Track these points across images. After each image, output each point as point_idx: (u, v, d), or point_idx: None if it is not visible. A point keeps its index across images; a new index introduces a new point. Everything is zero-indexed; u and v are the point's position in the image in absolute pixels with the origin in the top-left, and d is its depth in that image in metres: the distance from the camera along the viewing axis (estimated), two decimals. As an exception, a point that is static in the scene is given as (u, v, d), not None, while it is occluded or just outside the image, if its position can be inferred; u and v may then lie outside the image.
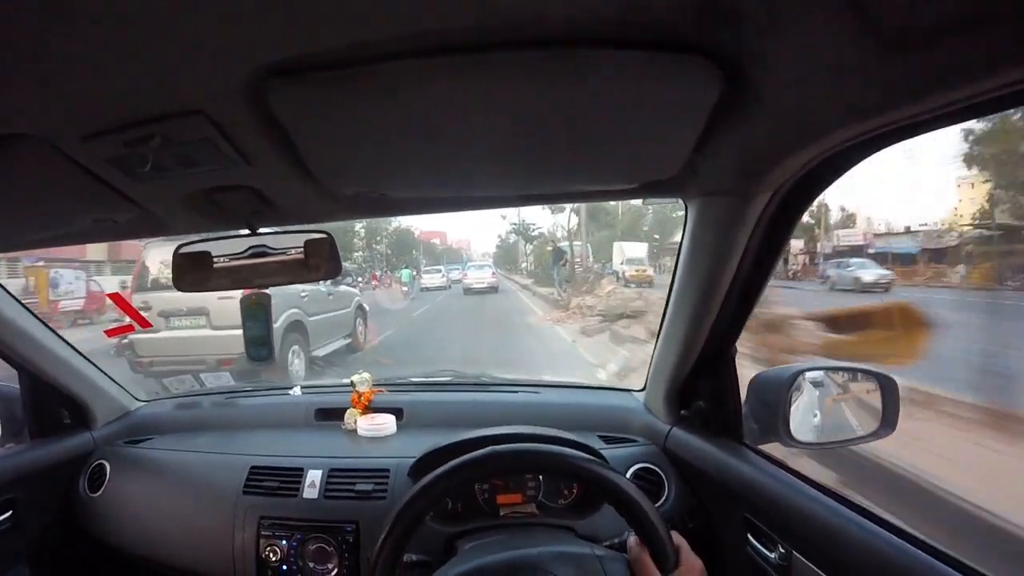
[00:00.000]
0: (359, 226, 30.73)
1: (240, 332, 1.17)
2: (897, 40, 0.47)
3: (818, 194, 0.86)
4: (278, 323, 5.81)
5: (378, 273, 23.52)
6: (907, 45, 0.47)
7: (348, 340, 7.97)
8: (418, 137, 0.71)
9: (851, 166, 0.78)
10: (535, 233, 30.67)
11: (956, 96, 0.53)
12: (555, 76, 0.57)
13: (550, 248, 20.77)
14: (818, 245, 21.70)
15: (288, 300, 6.32)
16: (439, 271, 26.53)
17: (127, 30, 0.47)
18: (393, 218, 24.68)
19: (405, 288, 18.99)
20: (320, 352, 6.92)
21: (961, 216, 18.80)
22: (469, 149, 0.76)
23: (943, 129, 0.61)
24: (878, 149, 0.69)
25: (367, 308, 8.97)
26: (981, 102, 0.53)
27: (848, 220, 24.64)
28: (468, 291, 20.56)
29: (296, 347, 6.33)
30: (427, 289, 22.65)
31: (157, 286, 5.71)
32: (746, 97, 0.60)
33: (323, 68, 0.55)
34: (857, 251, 19.92)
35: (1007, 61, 0.46)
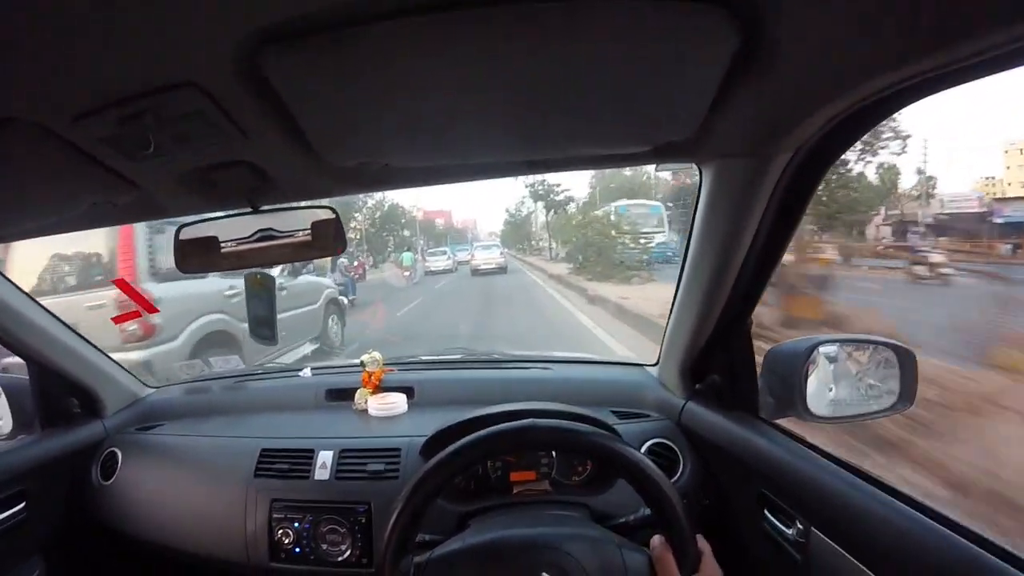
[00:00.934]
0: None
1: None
2: None
3: (842, 153, 0.83)
4: (179, 340, 4.33)
5: (363, 259, 20.32)
6: None
7: (316, 345, 6.48)
8: (419, 101, 0.68)
9: (879, 121, 0.74)
10: (561, 198, 26.58)
11: (992, 42, 0.50)
12: (562, 30, 0.55)
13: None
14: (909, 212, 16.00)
15: (206, 302, 4.65)
16: (444, 253, 25.62)
17: (110, 1, 0.46)
18: (377, 193, 23.31)
19: (407, 273, 17.70)
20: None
21: None
22: (473, 112, 0.73)
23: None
24: (910, 102, 0.66)
25: (344, 302, 7.97)
26: (1016, 49, 0.50)
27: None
28: (476, 272, 20.11)
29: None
30: (432, 272, 21.69)
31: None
32: (765, 49, 0.57)
33: (318, 31, 0.53)
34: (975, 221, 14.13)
35: None
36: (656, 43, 0.57)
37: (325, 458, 1.32)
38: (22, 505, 1.34)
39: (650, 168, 16.48)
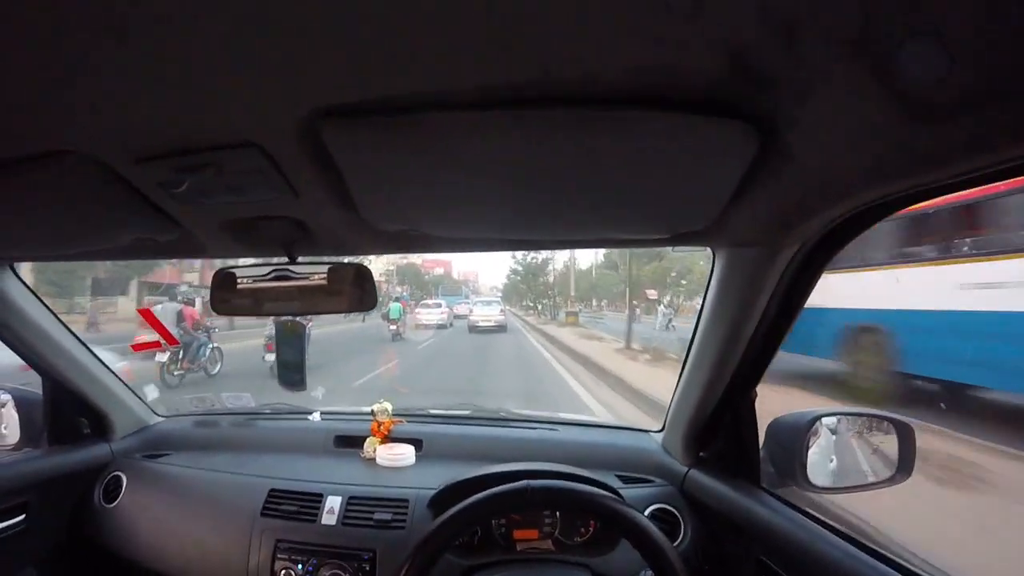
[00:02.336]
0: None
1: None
2: (923, 111, 0.51)
3: (842, 247, 0.89)
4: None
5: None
6: (932, 116, 0.51)
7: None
8: (463, 183, 0.73)
9: (876, 222, 0.82)
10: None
11: (978, 164, 0.56)
12: (597, 133, 0.60)
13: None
14: None
15: None
16: (439, 305, 23.22)
17: (188, 61, 0.50)
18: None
19: (393, 327, 15.65)
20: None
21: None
22: (510, 196, 0.79)
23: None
24: (902, 208, 0.73)
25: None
26: (1003, 169, 0.57)
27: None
28: (474, 328, 19.11)
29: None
30: (423, 326, 19.53)
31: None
32: (779, 156, 0.63)
33: (377, 113, 0.58)
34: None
35: (1021, 136, 0.50)
36: (682, 149, 0.63)
37: (333, 503, 1.33)
38: (22, 517, 1.35)
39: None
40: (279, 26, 0.45)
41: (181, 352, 7.94)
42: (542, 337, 17.70)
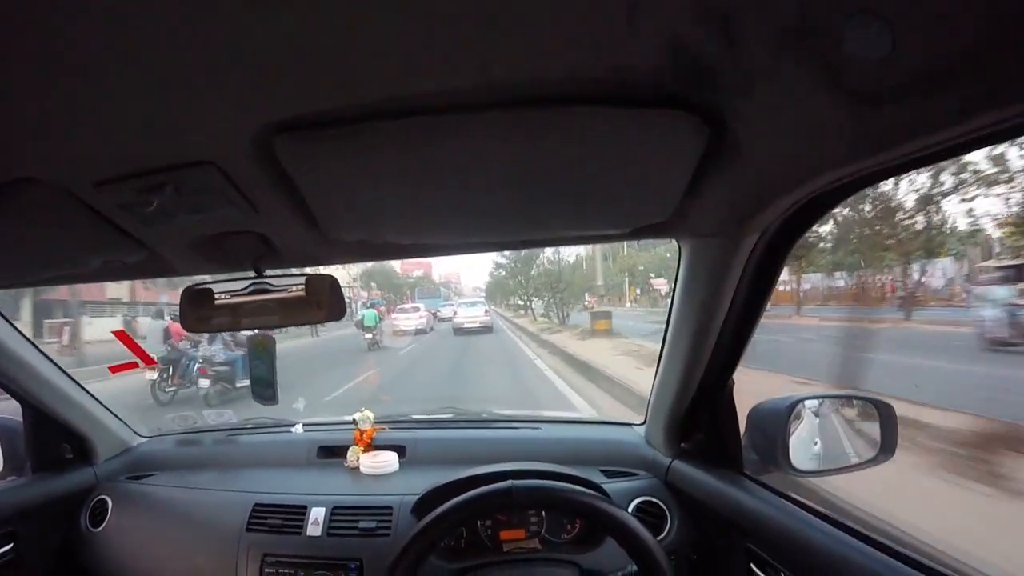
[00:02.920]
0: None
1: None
2: (865, 96, 0.50)
3: (803, 233, 0.90)
4: None
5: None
6: (876, 100, 0.51)
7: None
8: (419, 189, 0.74)
9: (832, 207, 0.82)
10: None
11: (923, 144, 0.56)
12: (549, 132, 0.61)
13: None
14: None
15: None
16: (417, 309, 20.69)
17: (141, 84, 0.50)
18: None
19: (369, 335, 13.98)
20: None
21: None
22: (468, 199, 0.79)
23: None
24: (856, 191, 0.74)
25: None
26: (949, 147, 0.56)
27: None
28: (459, 331, 18.32)
29: None
30: (401, 332, 18.01)
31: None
32: (729, 147, 0.64)
33: (328, 125, 0.58)
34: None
35: (968, 113, 0.50)
36: (635, 143, 0.64)
37: (318, 514, 1.32)
38: (11, 546, 1.33)
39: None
40: (225, 46, 0.45)
41: (171, 369, 7.76)
42: (562, 364, 10.00)
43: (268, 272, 1.02)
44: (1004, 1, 0.39)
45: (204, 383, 7.23)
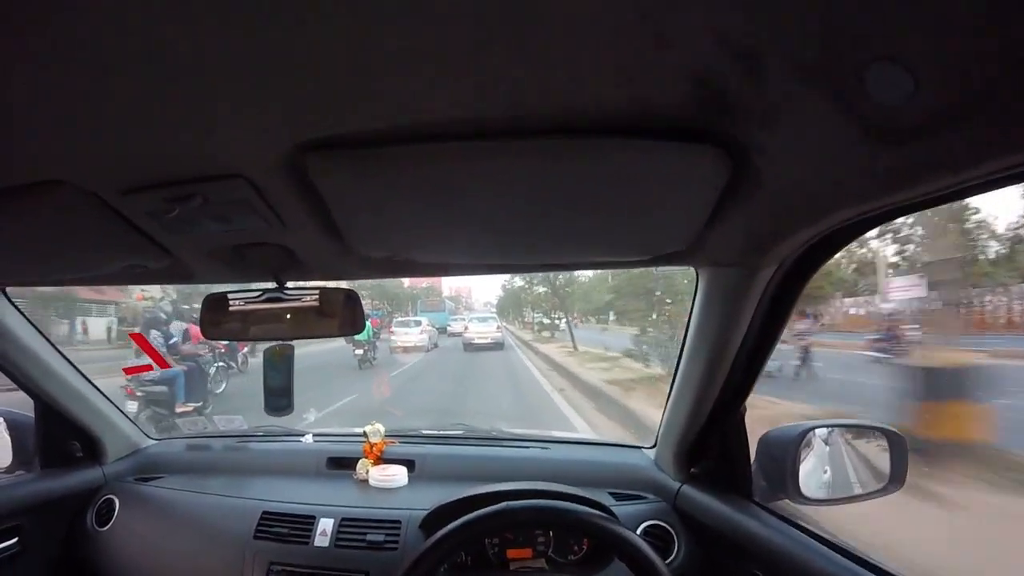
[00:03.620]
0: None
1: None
2: (886, 135, 0.52)
3: (820, 266, 0.92)
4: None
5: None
6: (894, 140, 0.52)
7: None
8: (446, 211, 0.75)
9: (850, 241, 0.84)
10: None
11: (943, 183, 0.57)
12: (577, 161, 0.62)
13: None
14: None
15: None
16: (418, 323, 18.32)
17: (178, 96, 0.52)
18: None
19: (359, 351, 11.90)
20: None
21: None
22: (493, 223, 0.81)
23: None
24: (874, 226, 0.76)
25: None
26: (968, 187, 0.58)
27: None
28: (469, 346, 17.53)
29: None
30: (401, 349, 15.99)
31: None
32: (751, 181, 0.65)
33: (360, 145, 0.59)
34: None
35: (988, 154, 0.51)
36: (658, 174, 0.65)
37: (326, 525, 1.33)
38: (15, 540, 1.34)
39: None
40: (264, 64, 0.47)
41: (168, 389, 6.61)
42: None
43: (289, 284, 1.03)
44: (1019, 45, 0.40)
45: (131, 406, 5.40)
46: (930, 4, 0.39)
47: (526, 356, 16.26)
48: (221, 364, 8.22)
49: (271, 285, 1.02)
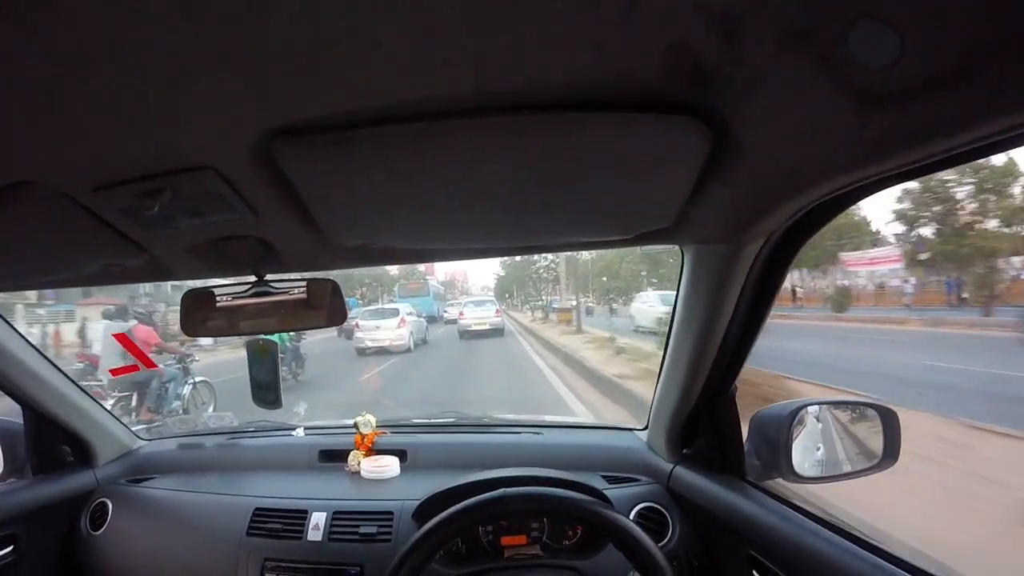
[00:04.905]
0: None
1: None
2: (870, 100, 0.50)
3: (806, 240, 0.90)
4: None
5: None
6: (879, 105, 0.50)
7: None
8: (420, 194, 0.73)
9: (837, 214, 0.81)
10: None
11: (929, 151, 0.55)
12: (551, 137, 0.60)
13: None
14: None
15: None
16: (395, 312, 13.90)
17: (139, 90, 0.50)
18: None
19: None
20: None
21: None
22: (470, 205, 0.79)
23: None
24: (861, 198, 0.73)
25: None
26: (956, 154, 0.56)
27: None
28: (465, 333, 16.04)
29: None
30: (365, 351, 12.47)
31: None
32: (733, 152, 0.63)
33: (328, 130, 0.58)
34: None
35: (975, 118, 0.49)
36: (637, 148, 0.63)
37: (318, 519, 1.32)
38: (11, 548, 1.34)
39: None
40: (222, 52, 0.45)
41: (135, 395, 5.75)
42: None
43: (268, 276, 1.02)
44: (1013, 9, 0.38)
45: None
46: None
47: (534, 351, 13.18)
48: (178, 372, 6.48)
49: (251, 279, 1.00)
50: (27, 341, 1.41)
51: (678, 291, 1.15)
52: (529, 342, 15.47)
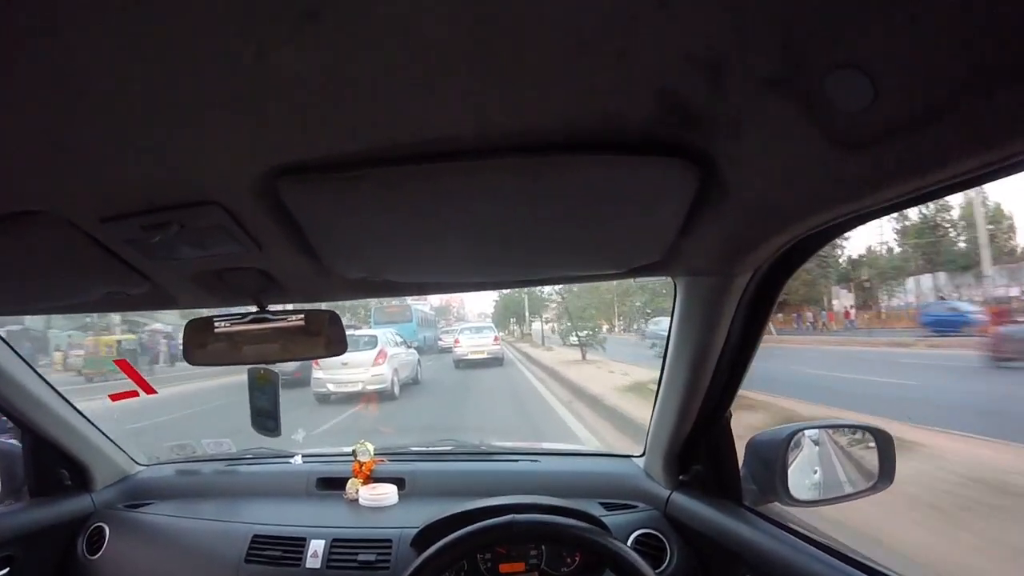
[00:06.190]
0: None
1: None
2: (847, 143, 0.52)
3: (795, 270, 0.93)
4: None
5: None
6: (856, 147, 0.53)
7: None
8: (421, 231, 0.76)
9: (823, 246, 0.86)
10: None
11: (909, 187, 0.58)
12: (547, 177, 0.63)
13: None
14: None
15: None
16: (372, 342, 9.85)
17: (149, 125, 0.52)
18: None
19: None
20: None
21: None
22: (468, 242, 0.81)
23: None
24: (844, 232, 0.77)
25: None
26: (933, 190, 0.58)
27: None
28: (460, 362, 14.16)
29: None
30: (328, 397, 9.22)
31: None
32: (720, 191, 0.65)
33: (331, 168, 0.60)
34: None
35: (950, 157, 0.52)
36: (628, 188, 0.65)
37: (317, 547, 1.32)
38: (7, 571, 1.33)
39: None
40: (231, 91, 0.47)
41: None
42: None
43: (269, 307, 1.03)
44: (981, 49, 0.41)
45: None
46: (888, 10, 0.39)
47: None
48: None
49: (252, 308, 1.02)
50: (28, 364, 1.42)
51: (671, 321, 1.17)
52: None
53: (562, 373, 11.34)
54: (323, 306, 1.09)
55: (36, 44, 0.41)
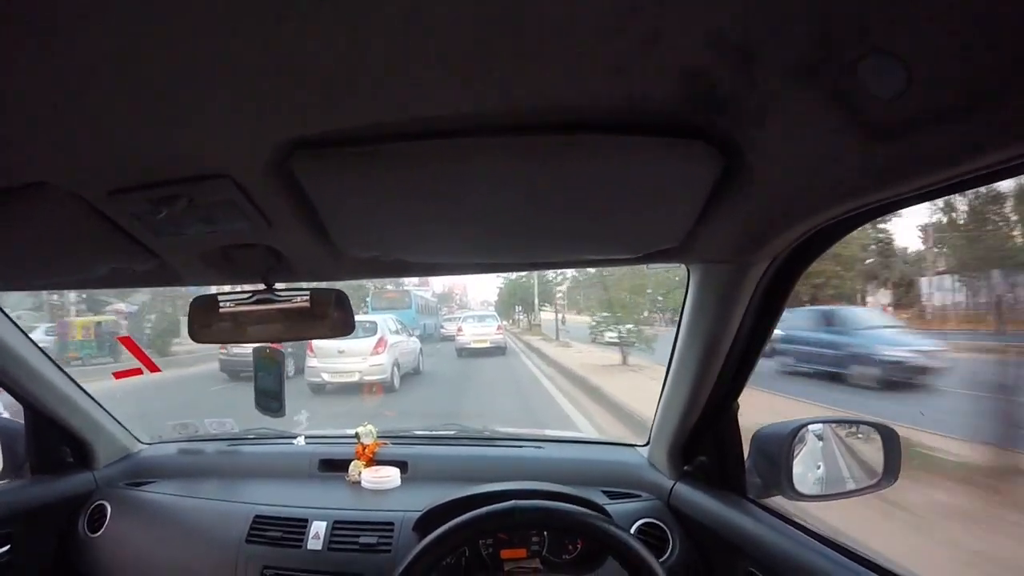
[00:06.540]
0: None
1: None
2: (877, 131, 0.52)
3: (812, 261, 0.92)
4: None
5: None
6: (886, 135, 0.52)
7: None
8: (433, 210, 0.75)
9: (841, 237, 0.84)
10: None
11: (935, 179, 0.57)
12: (565, 158, 0.62)
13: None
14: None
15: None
16: (372, 328, 9.16)
17: (162, 97, 0.51)
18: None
19: None
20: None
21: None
22: (482, 222, 0.80)
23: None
24: (866, 222, 0.75)
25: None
26: (960, 182, 0.58)
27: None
28: (463, 351, 13.86)
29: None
30: (323, 387, 8.75)
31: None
32: (742, 177, 0.64)
33: (347, 143, 0.58)
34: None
35: (980, 149, 0.51)
36: (648, 170, 0.64)
37: (318, 528, 1.32)
38: (7, 547, 1.34)
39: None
40: (249, 63, 0.46)
41: None
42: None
43: (277, 285, 1.02)
44: (1016, 39, 0.40)
45: None
46: None
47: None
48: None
49: (260, 287, 1.01)
50: (31, 340, 1.42)
51: (683, 308, 1.16)
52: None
53: (599, 386, 8.31)
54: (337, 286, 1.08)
55: (40, 11, 0.40)
